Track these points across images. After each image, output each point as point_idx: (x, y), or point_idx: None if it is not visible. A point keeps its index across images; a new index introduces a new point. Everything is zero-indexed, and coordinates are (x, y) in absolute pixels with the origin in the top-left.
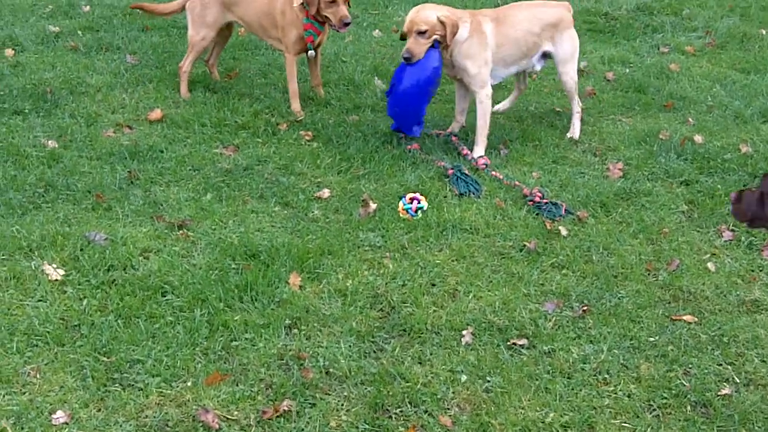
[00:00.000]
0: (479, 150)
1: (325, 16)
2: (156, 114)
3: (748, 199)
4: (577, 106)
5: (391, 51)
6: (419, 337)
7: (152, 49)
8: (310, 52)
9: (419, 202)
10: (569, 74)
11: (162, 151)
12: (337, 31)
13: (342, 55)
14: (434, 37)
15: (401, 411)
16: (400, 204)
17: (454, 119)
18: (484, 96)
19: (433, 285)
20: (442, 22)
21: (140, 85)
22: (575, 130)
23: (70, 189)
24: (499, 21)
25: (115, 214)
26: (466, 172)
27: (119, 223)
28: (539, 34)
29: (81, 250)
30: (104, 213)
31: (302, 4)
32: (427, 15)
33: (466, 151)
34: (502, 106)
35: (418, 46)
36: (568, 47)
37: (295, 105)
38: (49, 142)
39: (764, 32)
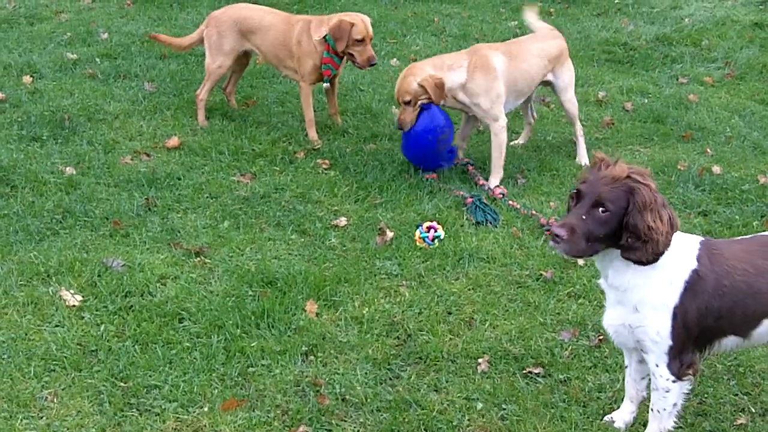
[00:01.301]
0: (495, 180)
1: (351, 54)
2: (174, 141)
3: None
4: (580, 131)
5: None
6: (435, 364)
7: (170, 77)
8: (325, 84)
9: (436, 231)
10: (571, 101)
11: (179, 179)
12: (360, 68)
13: (359, 83)
14: (420, 102)
15: None
16: (417, 233)
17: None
18: (498, 128)
19: (450, 313)
20: (422, 86)
21: (158, 113)
22: (583, 154)
23: (88, 215)
24: (512, 56)
25: (133, 240)
26: (485, 201)
27: (137, 249)
28: (546, 66)
29: (98, 276)
30: (122, 239)
31: (324, 37)
32: (408, 84)
33: (482, 181)
34: (521, 140)
35: (407, 115)
36: (567, 76)
37: (312, 133)
38: (67, 168)
39: None
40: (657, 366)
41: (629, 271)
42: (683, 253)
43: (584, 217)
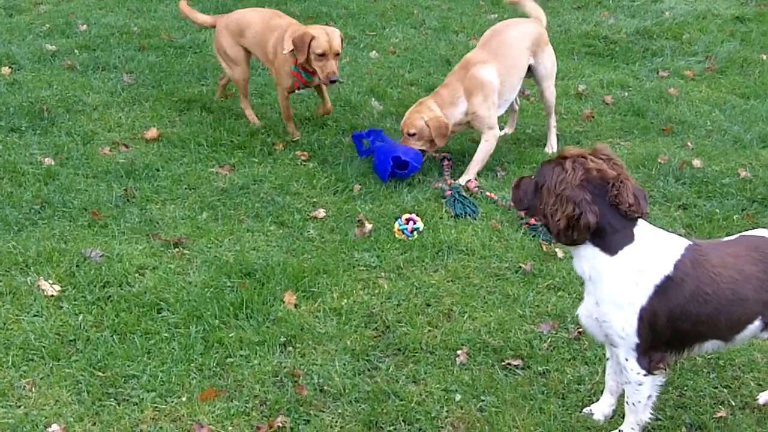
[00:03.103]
0: (464, 179)
1: (313, 69)
2: (152, 133)
3: (525, 186)
4: (554, 121)
5: (387, 72)
6: (414, 356)
7: (149, 69)
8: (300, 91)
9: (415, 223)
10: (551, 89)
11: (158, 170)
12: (323, 84)
13: (339, 76)
14: (423, 143)
15: (395, 429)
16: (396, 225)
17: None
18: (491, 135)
19: (428, 305)
20: (428, 126)
21: (137, 104)
22: (553, 143)
23: (67, 206)
24: (498, 59)
25: (111, 231)
26: (464, 194)
27: (115, 240)
28: (529, 50)
29: (77, 266)
30: (100, 230)
31: (291, 51)
32: (415, 119)
33: (450, 181)
34: (508, 129)
35: (408, 145)
36: (549, 63)
37: (290, 127)
38: (46, 159)
39: (765, 57)
40: (627, 360)
41: (589, 260)
42: (660, 256)
43: (528, 179)
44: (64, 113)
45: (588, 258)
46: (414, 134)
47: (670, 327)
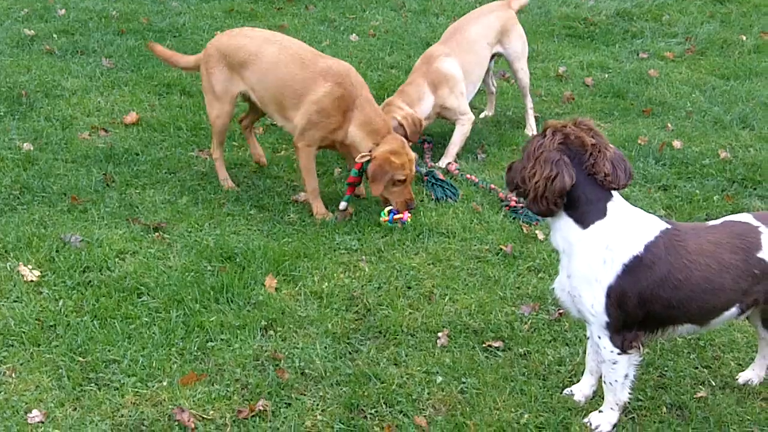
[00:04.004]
0: (444, 162)
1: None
2: (132, 117)
3: (516, 168)
4: (530, 103)
5: (368, 55)
6: (395, 338)
7: (128, 53)
8: (342, 205)
9: (404, 221)
10: (524, 70)
11: (138, 154)
12: (397, 212)
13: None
14: None
15: (376, 411)
16: (385, 217)
17: None
18: (466, 119)
19: (409, 288)
20: (402, 125)
21: (116, 89)
22: (532, 125)
23: (46, 191)
24: (460, 52)
25: (91, 216)
26: (441, 177)
27: (95, 225)
28: (492, 44)
29: (57, 251)
30: (80, 215)
31: (364, 162)
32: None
33: (431, 164)
34: (488, 111)
35: None
36: (518, 44)
37: (317, 206)
38: (25, 144)
39: (744, 38)
40: (599, 338)
41: (562, 232)
42: (631, 235)
43: (519, 161)
44: (43, 98)
45: (562, 230)
46: None
47: (641, 308)
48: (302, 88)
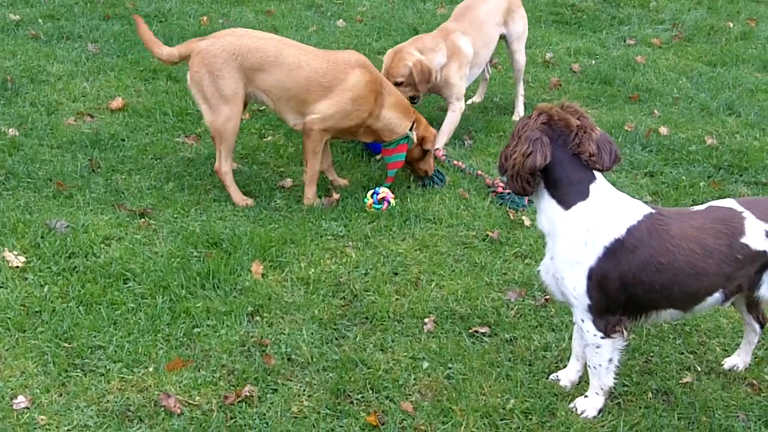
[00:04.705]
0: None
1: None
2: (117, 102)
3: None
4: (522, 89)
5: (355, 41)
6: (381, 324)
7: (113, 38)
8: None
9: (389, 203)
10: (521, 52)
11: (123, 140)
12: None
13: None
14: (410, 89)
15: (363, 397)
16: (370, 201)
17: None
18: (458, 107)
19: (396, 274)
20: (411, 72)
21: (101, 74)
22: (521, 111)
23: (31, 177)
24: (473, 32)
25: (77, 202)
26: None
27: (80, 211)
28: (500, 24)
29: (42, 237)
30: (65, 201)
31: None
32: (399, 67)
33: None
34: (477, 98)
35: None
36: (520, 25)
37: (310, 191)
38: (10, 130)
39: (731, 25)
40: (583, 321)
41: (546, 214)
42: (613, 218)
43: None
44: (28, 83)
45: (546, 211)
46: (401, 83)
47: (623, 292)
48: (330, 80)
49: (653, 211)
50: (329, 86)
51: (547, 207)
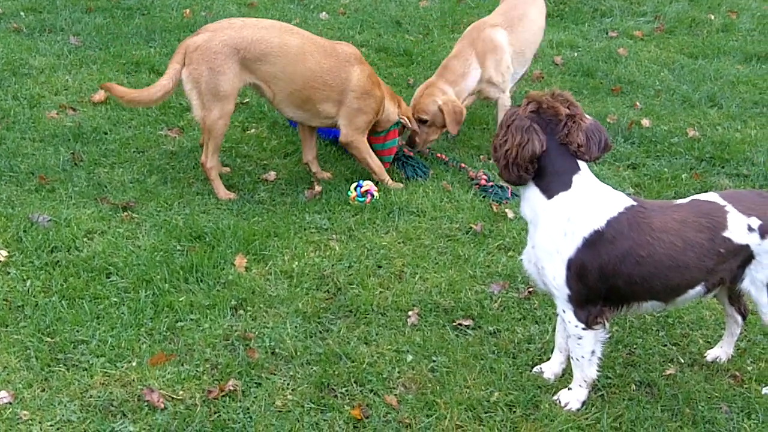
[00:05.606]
0: None
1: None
2: (100, 96)
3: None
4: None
5: (338, 33)
6: (365, 317)
7: (96, 31)
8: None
9: (373, 196)
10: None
11: (106, 133)
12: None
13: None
14: (434, 130)
15: (347, 390)
16: (354, 194)
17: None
18: (507, 99)
19: (380, 267)
20: (442, 111)
21: (84, 67)
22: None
23: (13, 170)
24: (513, 27)
25: (59, 195)
26: (410, 154)
27: (63, 204)
28: (543, 27)
29: (24, 231)
30: (48, 195)
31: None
32: (427, 104)
33: (400, 142)
34: None
35: (421, 135)
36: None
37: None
38: None
39: (713, 17)
40: (564, 312)
41: (530, 202)
42: (595, 210)
43: None
44: (10, 76)
45: (530, 199)
46: (426, 121)
47: (603, 283)
48: (333, 79)
49: (635, 203)
50: (333, 85)
51: (531, 195)
